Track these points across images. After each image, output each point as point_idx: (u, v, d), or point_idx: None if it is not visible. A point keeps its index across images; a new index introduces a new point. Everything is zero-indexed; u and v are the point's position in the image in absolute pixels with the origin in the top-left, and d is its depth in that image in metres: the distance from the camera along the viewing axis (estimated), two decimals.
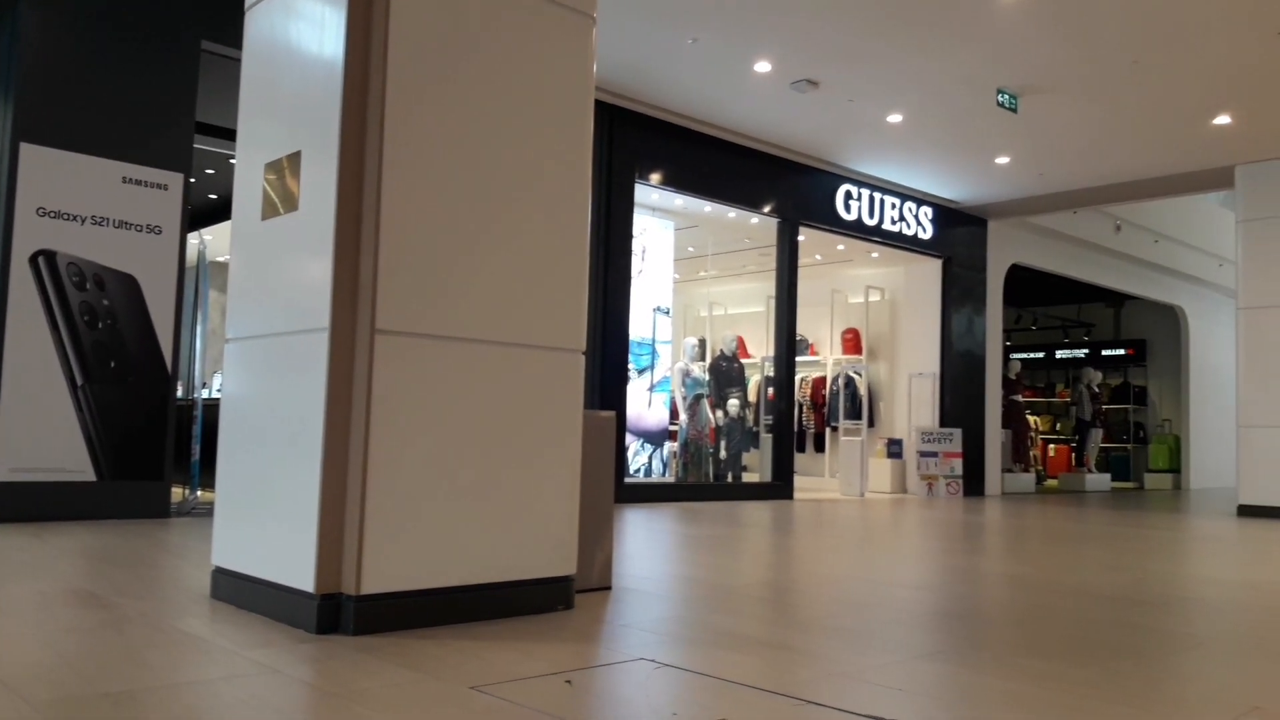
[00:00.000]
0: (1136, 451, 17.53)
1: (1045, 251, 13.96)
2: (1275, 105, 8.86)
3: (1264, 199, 10.45)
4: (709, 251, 12.30)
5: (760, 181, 10.48)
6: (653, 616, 3.58)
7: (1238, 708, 2.51)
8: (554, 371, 3.53)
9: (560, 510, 3.53)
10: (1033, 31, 7.51)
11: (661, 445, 10.12)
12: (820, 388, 13.56)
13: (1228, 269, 15.32)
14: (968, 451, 12.49)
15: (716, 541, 6.37)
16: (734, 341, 11.70)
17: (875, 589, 4.50)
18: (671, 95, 9.10)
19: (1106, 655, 3.14)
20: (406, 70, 3.19)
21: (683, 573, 4.95)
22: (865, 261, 13.00)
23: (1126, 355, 17.86)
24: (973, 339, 12.96)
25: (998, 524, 8.59)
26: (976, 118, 9.37)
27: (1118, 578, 5.08)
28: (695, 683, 2.63)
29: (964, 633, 3.53)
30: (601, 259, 8.91)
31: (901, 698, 2.56)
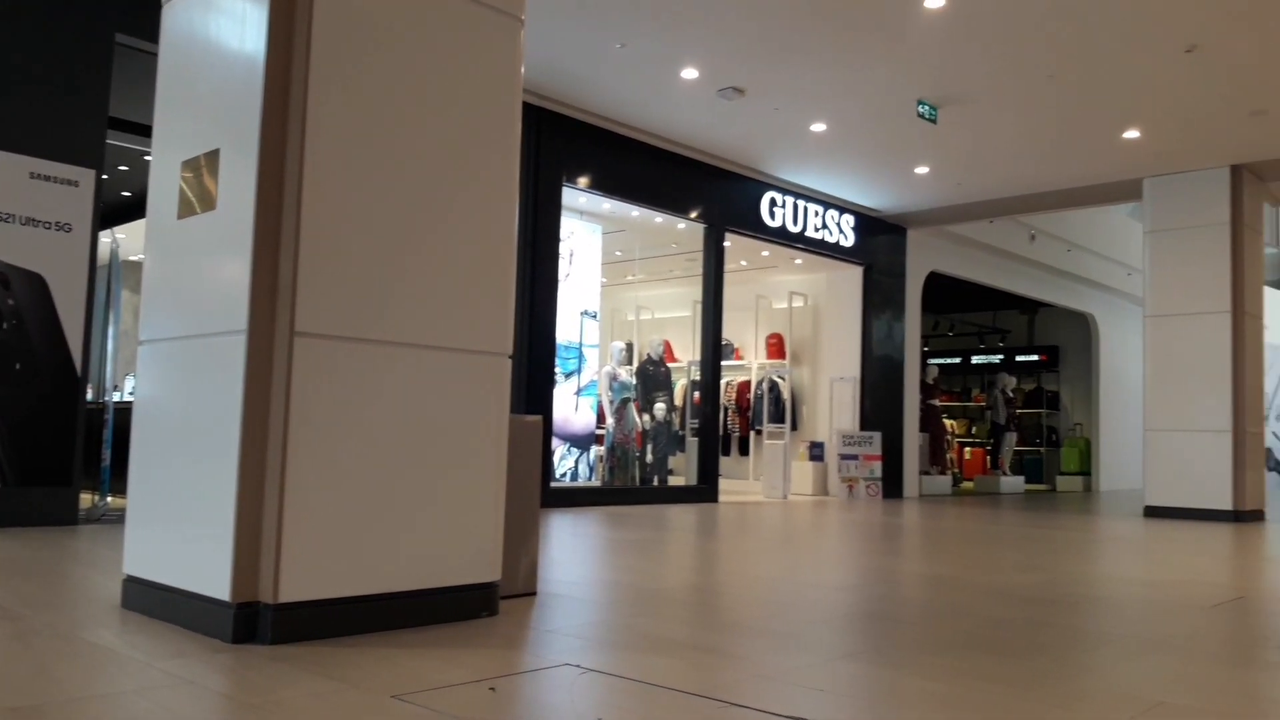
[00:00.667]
0: (1049, 454, 18.05)
1: (962, 259, 14.30)
2: (1182, 121, 9.22)
3: (1170, 211, 10.85)
4: (636, 256, 12.33)
5: (687, 187, 10.55)
6: (578, 621, 3.58)
7: (1143, 703, 2.61)
8: (479, 375, 3.51)
9: (485, 515, 3.50)
10: (953, 44, 7.70)
11: (588, 449, 10.12)
12: (745, 392, 13.69)
13: (1136, 278, 15.87)
14: (887, 454, 12.73)
15: (642, 545, 6.39)
16: (661, 346, 11.75)
17: (798, 590, 4.56)
18: (600, 99, 9.11)
19: (1020, 653, 3.23)
20: (330, 68, 3.15)
21: (608, 577, 4.95)
22: (789, 268, 13.17)
23: (1040, 361, 18.39)
24: (892, 344, 13.22)
25: (916, 525, 8.77)
26: (897, 128, 9.57)
27: (1031, 577, 5.23)
28: (620, 687, 2.63)
29: (884, 633, 3.60)
30: (528, 262, 8.87)
31: (823, 698, 2.60)
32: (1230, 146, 9.91)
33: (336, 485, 3.10)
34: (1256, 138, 9.59)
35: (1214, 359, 10.36)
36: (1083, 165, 10.75)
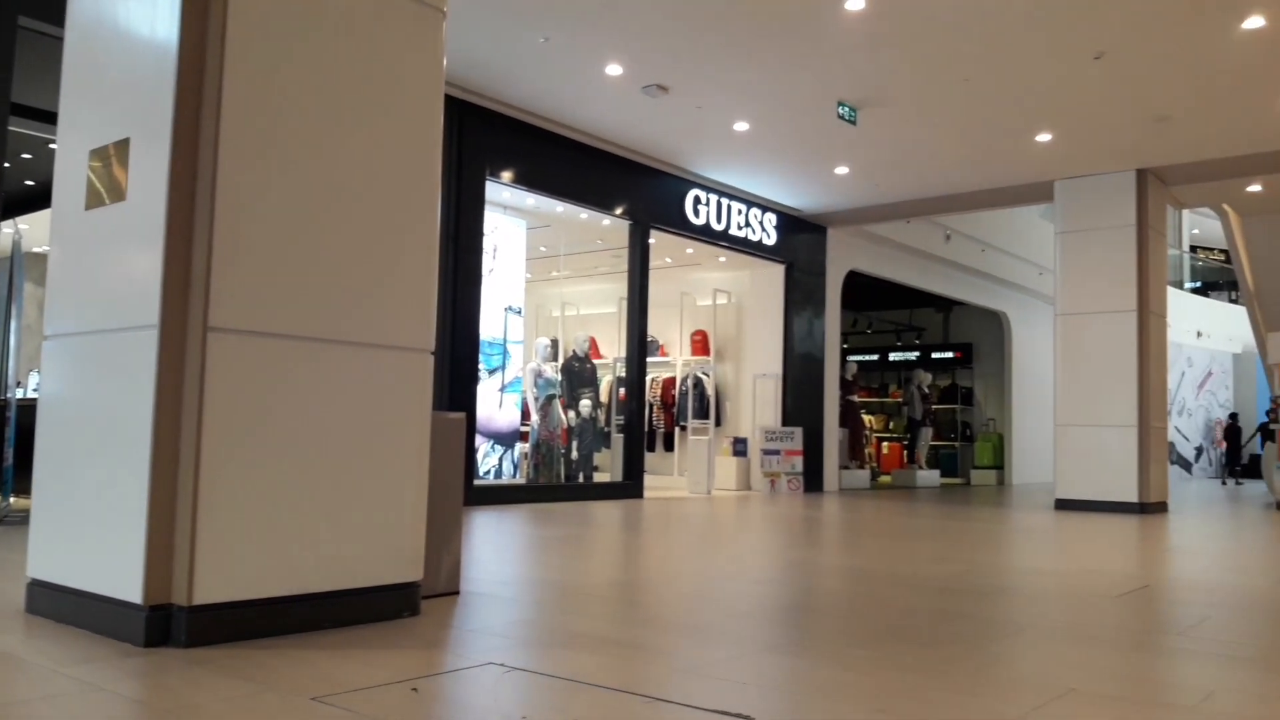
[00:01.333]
0: (963, 449, 18.51)
1: (880, 259, 14.58)
2: (1091, 124, 9.53)
3: (1080, 212, 11.21)
4: (561, 251, 12.30)
5: (612, 183, 10.55)
6: (502, 620, 3.56)
7: (1055, 689, 2.69)
8: (401, 371, 3.46)
9: (406, 514, 3.46)
10: (873, 47, 7.83)
11: (512, 446, 10.05)
12: (670, 388, 13.76)
13: (1047, 277, 16.38)
14: (808, 449, 12.92)
15: (567, 542, 6.38)
16: (586, 342, 11.74)
17: (721, 584, 4.60)
18: (524, 93, 9.05)
19: (935, 642, 3.31)
20: (246, 56, 3.07)
21: (533, 575, 4.93)
22: (713, 265, 13.26)
23: (955, 358, 18.84)
24: (813, 341, 13.41)
25: (835, 519, 8.92)
26: (818, 129, 9.70)
27: (946, 569, 5.36)
28: (545, 685, 2.63)
29: (804, 625, 3.66)
30: (451, 256, 8.77)
31: (746, 690, 2.63)
32: (1136, 151, 10.27)
33: (253, 484, 3.03)
34: (1161, 143, 9.96)
35: (1121, 356, 10.74)
36: (996, 167, 11.04)
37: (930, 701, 2.55)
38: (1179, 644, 3.47)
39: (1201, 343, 22.97)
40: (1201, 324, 22.87)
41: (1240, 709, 2.58)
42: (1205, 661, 3.17)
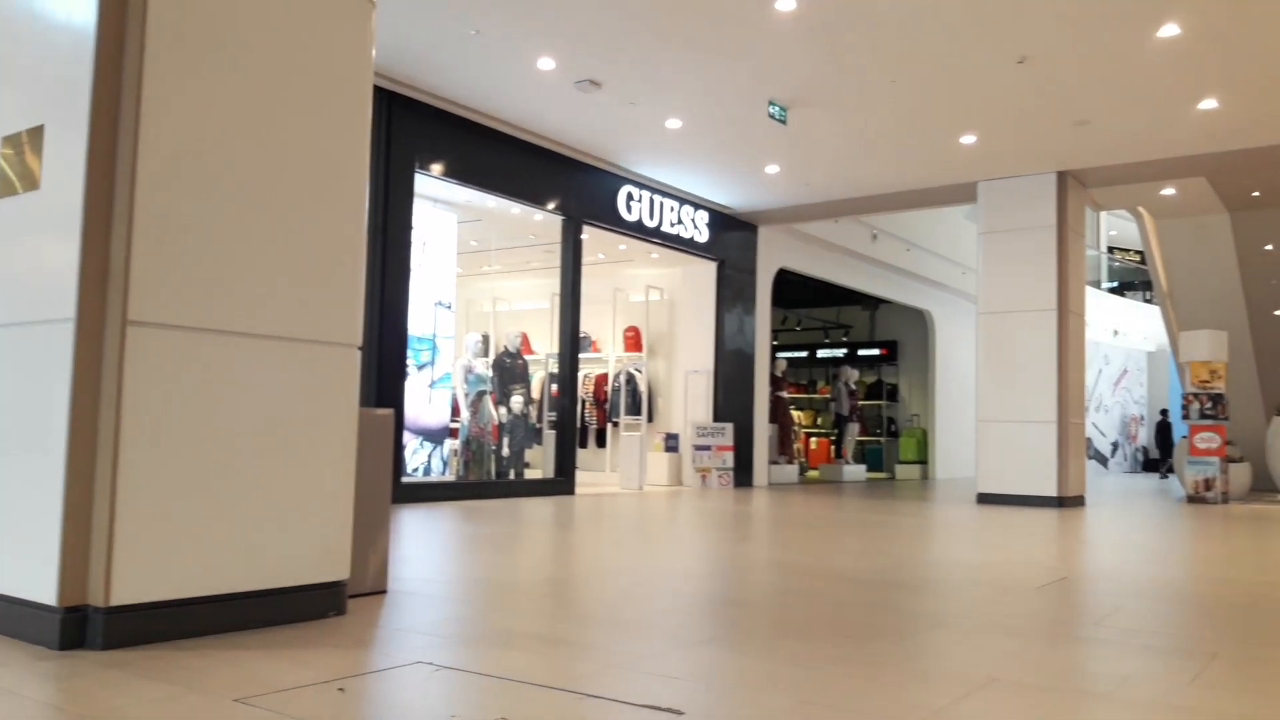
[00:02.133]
0: (889, 444, 18.85)
1: (809, 257, 14.77)
2: (1014, 127, 9.77)
3: (1002, 213, 11.49)
4: (493, 246, 12.20)
5: (545, 178, 10.50)
6: (430, 618, 3.52)
7: (978, 679, 2.76)
8: (327, 367, 3.40)
9: (333, 512, 3.40)
10: (803, 48, 7.92)
11: (442, 443, 9.96)
12: (602, 384, 13.76)
13: (970, 276, 16.75)
14: (738, 445, 13.04)
15: (497, 539, 6.34)
16: (518, 338, 11.67)
17: (651, 580, 4.62)
18: (455, 86, 8.95)
19: (861, 635, 3.36)
20: (168, 41, 2.98)
21: (462, 573, 4.89)
22: (646, 262, 13.29)
23: (880, 355, 19.18)
24: (744, 338, 13.53)
25: (765, 513, 9.02)
26: (749, 128, 9.78)
27: (872, 562, 5.45)
28: (475, 683, 2.61)
29: (734, 619, 3.69)
30: (379, 250, 8.65)
31: (675, 685, 2.64)
32: (1057, 153, 10.56)
33: (174, 482, 2.95)
34: (1080, 146, 10.25)
35: (1040, 354, 11.03)
36: (922, 168, 11.25)
37: (857, 693, 2.60)
38: (1095, 633, 3.58)
39: (1118, 341, 23.72)
40: (1118, 323, 23.63)
41: (1153, 695, 2.68)
42: (1120, 650, 3.28)
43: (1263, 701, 2.62)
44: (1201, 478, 12.00)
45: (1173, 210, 12.90)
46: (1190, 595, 4.57)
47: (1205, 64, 8.01)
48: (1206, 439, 12.04)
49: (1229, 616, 3.95)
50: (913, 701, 2.52)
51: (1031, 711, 2.48)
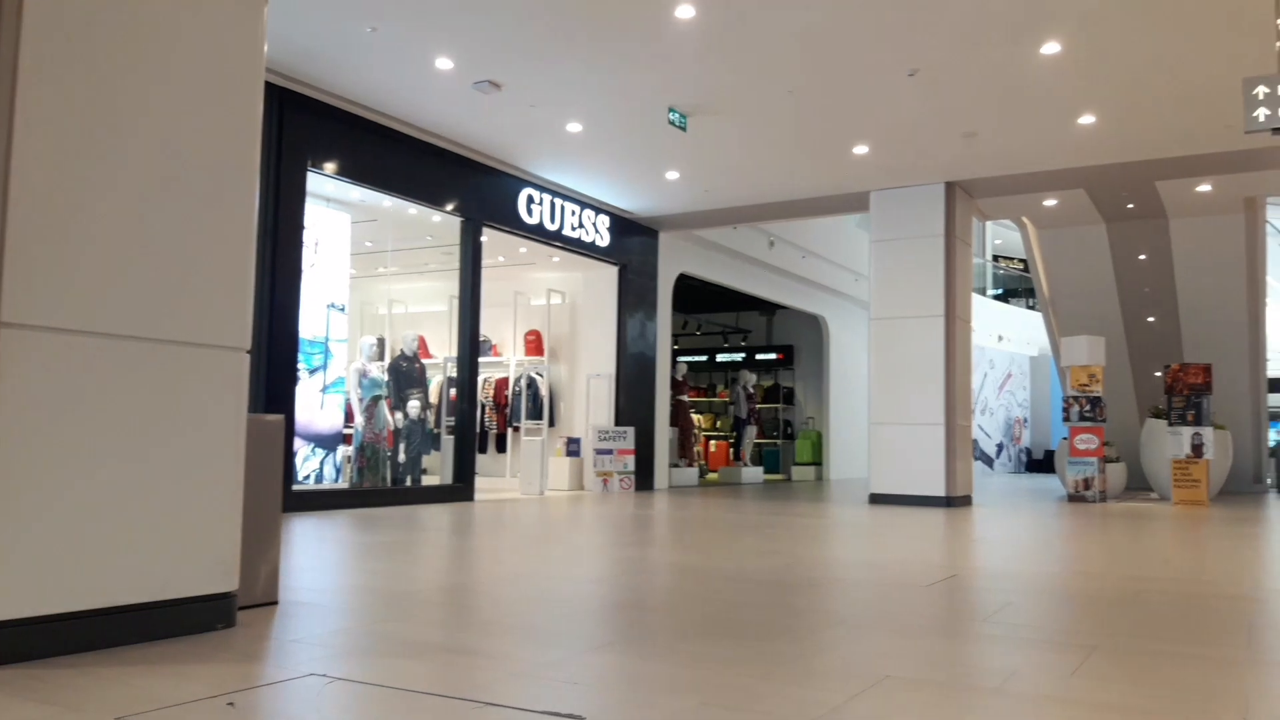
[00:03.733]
0: (785, 446, 19.17)
1: (709, 263, 14.93)
2: (904, 139, 10.05)
3: (893, 222, 11.80)
4: (389, 247, 11.97)
5: (443, 179, 10.35)
6: (324, 629, 3.43)
7: (871, 677, 2.82)
8: (214, 371, 3.28)
9: (220, 522, 3.28)
10: (702, 56, 8.00)
11: (334, 449, 9.71)
12: (503, 388, 13.63)
13: (863, 283, 17.16)
14: (639, 448, 13.08)
15: (393, 548, 6.21)
16: (415, 341, 11.46)
17: (551, 585, 4.59)
18: (350, 84, 8.76)
19: (760, 635, 3.40)
20: (44, 32, 2.83)
21: (357, 582, 4.78)
22: (547, 265, 13.23)
23: (777, 359, 19.50)
24: (645, 342, 13.59)
25: (665, 516, 9.06)
26: (650, 133, 9.83)
27: (769, 562, 5.53)
28: (371, 695, 2.54)
29: (634, 622, 3.69)
30: (269, 250, 8.39)
31: (577, 690, 2.62)
32: (945, 164, 10.90)
33: (49, 492, 2.80)
34: (968, 157, 10.61)
35: (929, 358, 11.36)
36: (817, 177, 11.48)
37: (755, 693, 2.62)
38: (984, 629, 3.69)
39: (1002, 346, 24.63)
40: (1002, 328, 24.53)
41: (1038, 688, 2.77)
42: (1007, 645, 3.39)
43: (1138, 691, 2.74)
44: (1081, 477, 12.53)
45: (1054, 220, 13.45)
46: (1071, 591, 4.76)
47: (1085, 81, 8.37)
48: (1085, 440, 12.58)
49: (1107, 611, 4.12)
50: (810, 700, 2.55)
51: (923, 707, 2.54)
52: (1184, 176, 11.03)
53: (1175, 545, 7.09)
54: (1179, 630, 3.67)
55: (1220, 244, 13.26)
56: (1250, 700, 2.61)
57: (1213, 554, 6.49)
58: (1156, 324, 15.04)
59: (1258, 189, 11.90)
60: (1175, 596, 4.52)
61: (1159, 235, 13.39)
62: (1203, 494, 12.08)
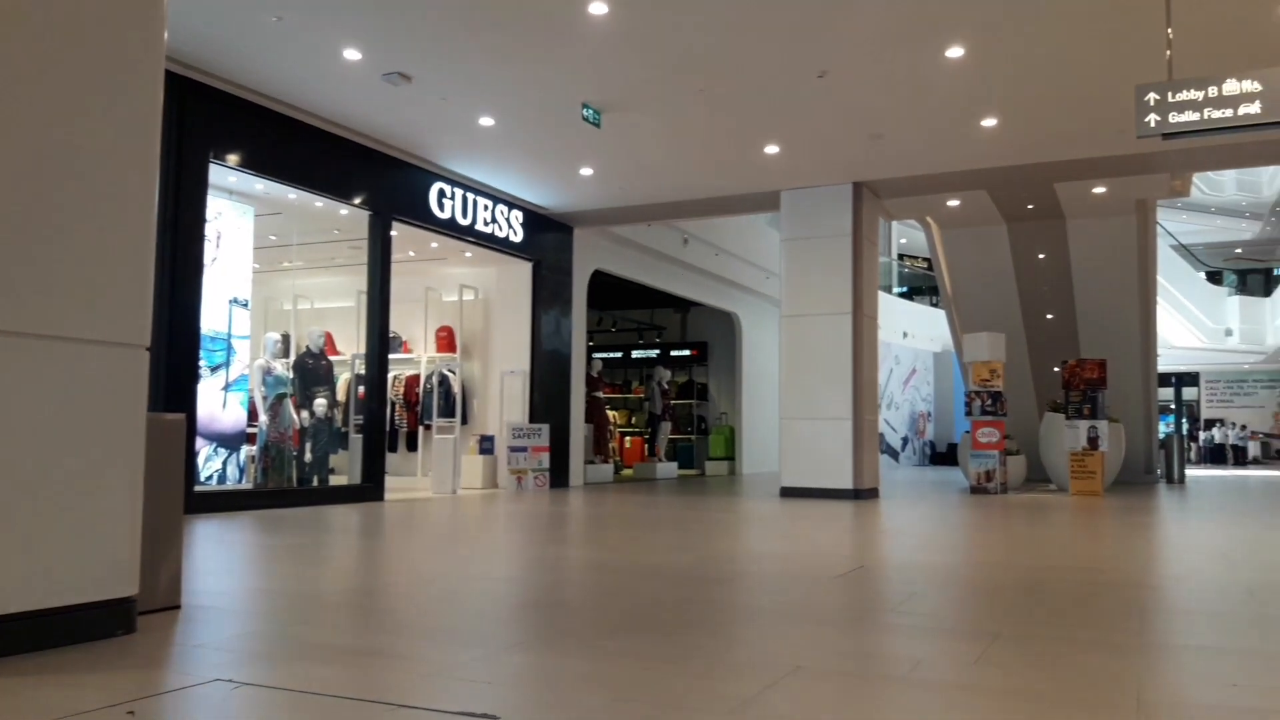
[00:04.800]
0: (699, 441, 19.34)
1: (624, 259, 14.95)
2: (814, 139, 10.21)
3: (803, 221, 11.99)
4: (294, 241, 11.68)
5: (351, 172, 10.14)
6: (229, 634, 3.33)
7: (784, 668, 2.86)
8: (111, 369, 3.16)
9: (118, 524, 3.16)
10: (615, 52, 8.00)
11: (238, 449, 9.45)
12: (414, 386, 13.43)
13: (774, 281, 17.39)
14: (554, 445, 13.03)
15: (300, 550, 6.07)
16: (321, 337, 11.21)
17: (464, 585, 4.55)
18: (255, 74, 8.51)
19: (675, 629, 3.42)
20: None
21: (263, 585, 4.66)
22: (459, 260, 13.07)
23: (692, 356, 19.64)
24: (560, 339, 13.54)
25: (580, 513, 9.05)
26: (563, 129, 9.79)
27: (685, 557, 5.57)
28: (279, 700, 2.48)
29: (549, 620, 3.68)
30: (169, 244, 8.11)
31: (492, 690, 2.60)
32: (853, 165, 11.12)
33: None
34: (874, 159, 10.83)
35: (838, 355, 11.59)
36: (729, 176, 11.60)
37: (670, 687, 2.64)
38: (891, 619, 3.78)
39: (907, 342, 25.25)
40: (907, 325, 25.15)
41: (943, 676, 2.85)
42: (914, 634, 3.48)
43: (1038, 677, 2.84)
44: (983, 469, 12.92)
45: (957, 220, 13.84)
46: (974, 580, 4.90)
47: (987, 85, 8.63)
48: (987, 434, 12.97)
49: (1009, 599, 4.26)
50: (723, 692, 2.58)
51: (834, 696, 2.59)
52: (1080, 179, 11.46)
53: (1072, 535, 7.37)
54: (1076, 617, 3.82)
55: (1114, 244, 13.81)
56: (1143, 683, 2.73)
57: (1107, 543, 6.77)
58: (1054, 321, 15.59)
59: (1149, 192, 12.44)
60: (1073, 585, 4.70)
61: (1056, 235, 13.89)
62: (1098, 485, 12.58)
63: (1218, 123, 5.88)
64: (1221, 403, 30.64)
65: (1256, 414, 30.09)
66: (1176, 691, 2.68)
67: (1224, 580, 4.86)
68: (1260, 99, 5.76)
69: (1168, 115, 5.98)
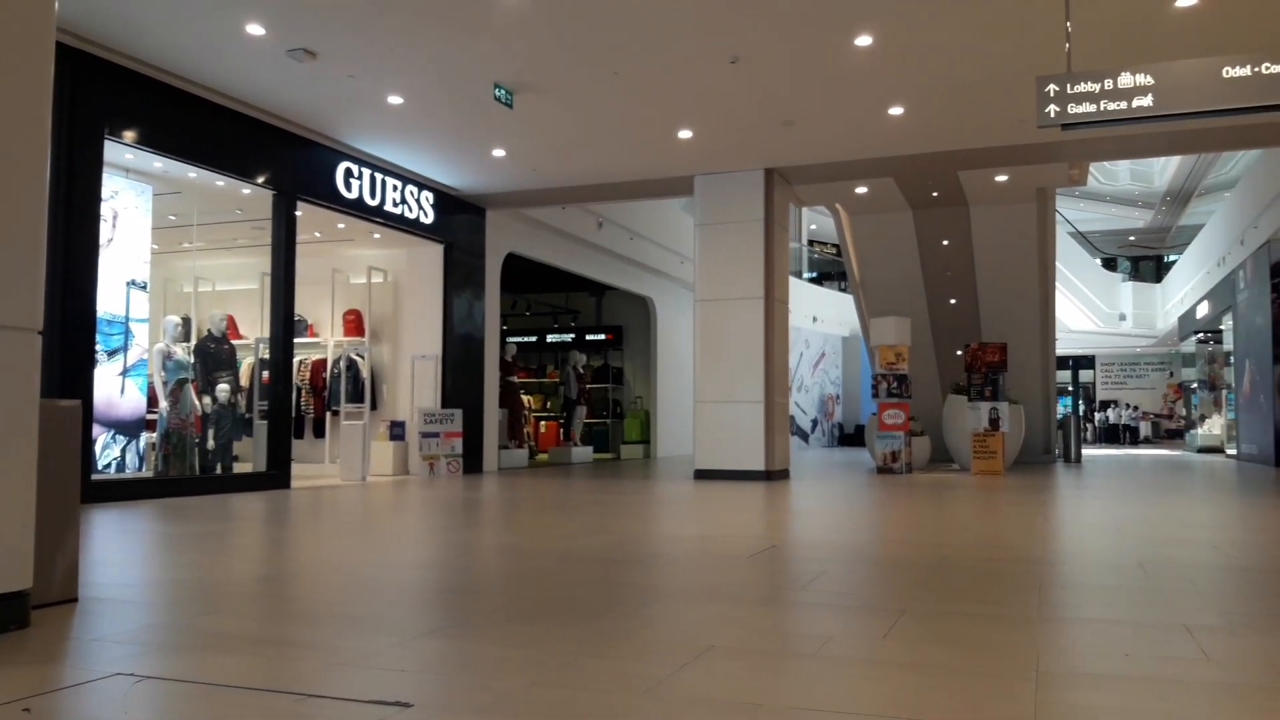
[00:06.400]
0: (614, 425, 19.38)
1: (538, 242, 14.85)
2: (726, 124, 10.28)
3: (716, 206, 12.08)
4: (195, 221, 11.29)
5: (255, 150, 9.85)
6: (130, 626, 3.23)
7: (698, 648, 2.89)
8: (2, 353, 3.01)
9: (10, 515, 3.03)
10: (529, 32, 7.91)
11: (138, 436, 9.13)
12: (320, 370, 13.15)
13: (688, 266, 17.51)
14: (468, 431, 12.91)
15: (204, 539, 5.91)
16: (224, 321, 10.89)
17: (375, 573, 4.48)
18: (153, 47, 8.19)
19: (589, 612, 3.43)
20: None
21: (165, 575, 4.52)
22: (367, 242, 12.82)
23: (607, 340, 19.65)
24: (473, 323, 13.40)
25: (494, 499, 9.00)
26: (475, 109, 9.66)
27: (600, 540, 5.59)
28: (184, 693, 2.42)
29: (464, 606, 3.65)
30: (61, 224, 7.77)
31: (405, 677, 2.57)
32: (765, 151, 11.23)
33: None
34: (786, 145, 10.96)
35: (750, 339, 11.73)
36: (643, 160, 11.61)
37: (585, 670, 2.64)
38: (802, 597, 3.85)
39: (817, 327, 25.68)
40: (817, 310, 25.58)
41: (852, 651, 2.92)
42: (823, 611, 3.55)
43: (944, 650, 2.93)
44: (889, 450, 13.24)
45: (865, 207, 14.10)
46: (882, 558, 5.03)
47: (894, 74, 8.79)
48: (893, 415, 13.29)
49: (915, 575, 4.38)
50: (638, 673, 2.60)
51: (747, 675, 2.64)
52: (983, 167, 11.78)
53: (975, 513, 7.61)
54: (979, 592, 3.95)
55: (1015, 231, 14.24)
56: (1041, 655, 2.84)
57: (1008, 521, 7.01)
58: (958, 306, 16.03)
59: (1048, 180, 12.87)
60: (975, 561, 4.86)
61: (960, 222, 14.27)
62: (999, 464, 13.01)
63: (1113, 114, 6.10)
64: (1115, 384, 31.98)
65: (1148, 395, 31.50)
66: (1073, 662, 2.80)
67: (1117, 555, 5.09)
68: (1152, 92, 6.00)
69: (1066, 106, 6.18)
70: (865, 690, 2.52)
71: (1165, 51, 7.77)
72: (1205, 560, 4.86)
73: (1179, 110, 6.02)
